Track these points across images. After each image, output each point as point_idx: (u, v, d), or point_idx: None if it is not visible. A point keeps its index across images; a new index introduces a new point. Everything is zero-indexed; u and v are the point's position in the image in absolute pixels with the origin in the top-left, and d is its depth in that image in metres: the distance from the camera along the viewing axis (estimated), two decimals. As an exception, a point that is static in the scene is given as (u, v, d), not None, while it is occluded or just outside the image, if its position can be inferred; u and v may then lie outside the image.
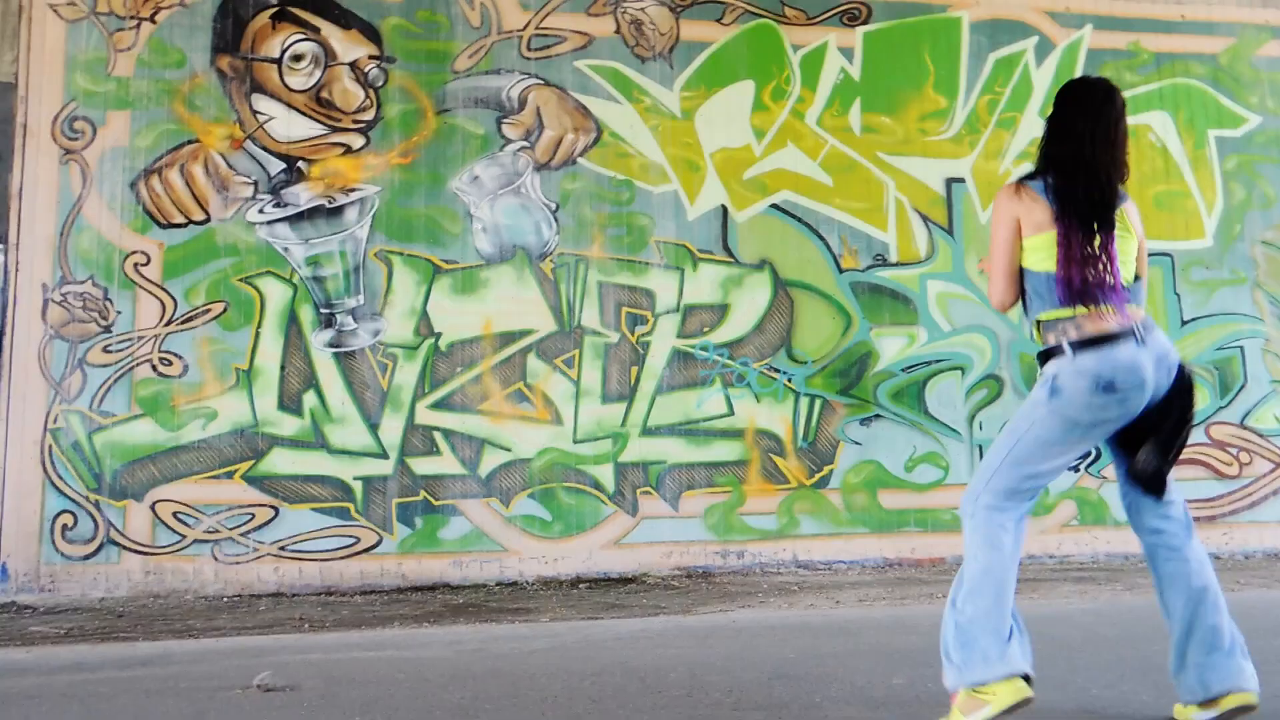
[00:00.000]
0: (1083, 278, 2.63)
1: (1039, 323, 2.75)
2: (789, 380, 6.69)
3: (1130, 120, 2.85)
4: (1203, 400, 7.07)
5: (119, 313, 6.04)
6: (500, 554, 6.23)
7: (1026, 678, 2.50)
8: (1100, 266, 2.63)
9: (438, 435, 6.28)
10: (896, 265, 6.91)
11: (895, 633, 4.32)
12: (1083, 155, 2.71)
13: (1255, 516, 7.03)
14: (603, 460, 6.43)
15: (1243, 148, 7.37)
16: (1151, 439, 2.66)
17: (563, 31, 6.74)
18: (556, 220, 6.57)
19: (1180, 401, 2.66)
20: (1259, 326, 7.23)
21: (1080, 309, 2.64)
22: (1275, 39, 7.54)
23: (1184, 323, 7.14)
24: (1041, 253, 2.70)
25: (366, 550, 6.09)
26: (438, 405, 6.31)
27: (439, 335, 6.36)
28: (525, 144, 6.60)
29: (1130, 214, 2.79)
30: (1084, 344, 2.61)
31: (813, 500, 6.61)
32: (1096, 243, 2.64)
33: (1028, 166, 3.62)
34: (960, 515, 2.74)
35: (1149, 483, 2.68)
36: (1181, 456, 2.68)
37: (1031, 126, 7.09)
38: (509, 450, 6.33)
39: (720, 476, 6.53)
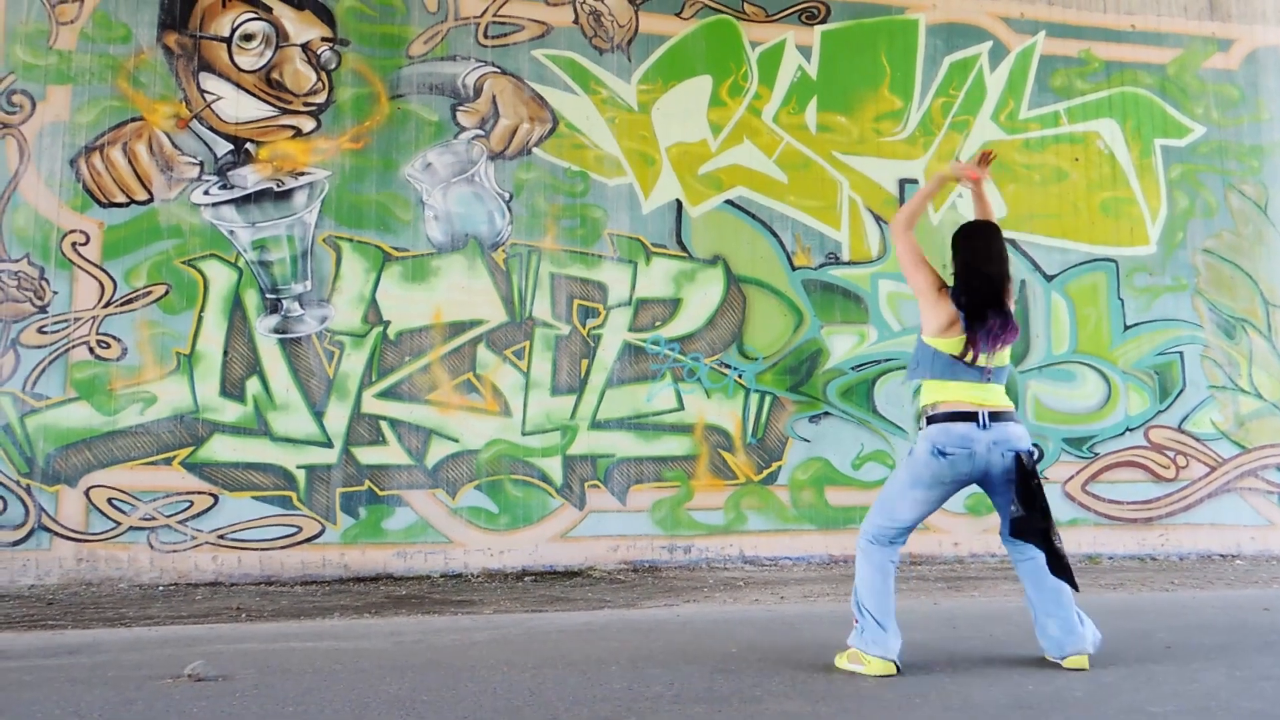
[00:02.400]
0: (976, 345, 3.32)
1: (918, 388, 3.58)
2: (739, 376, 6.71)
3: (1079, 127, 3.18)
4: (1141, 404, 7.21)
5: (55, 293, 5.88)
6: (445, 545, 6.17)
7: (896, 666, 3.33)
8: (993, 340, 3.33)
9: (384, 425, 6.19)
10: (849, 264, 6.95)
11: (837, 628, 4.32)
12: (978, 266, 3.44)
13: (1190, 519, 7.18)
14: (551, 453, 6.39)
15: (1187, 157, 7.51)
16: (1016, 507, 3.32)
17: (520, 20, 6.68)
18: (510, 210, 6.51)
19: (1019, 479, 3.31)
20: (1198, 333, 7.38)
21: (949, 387, 3.37)
22: (1220, 52, 7.70)
23: (1126, 327, 7.27)
24: (941, 341, 3.41)
25: (308, 540, 5.99)
26: (385, 394, 6.22)
27: (388, 324, 6.27)
28: (480, 132, 6.53)
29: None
30: (936, 419, 3.38)
31: (760, 496, 6.63)
32: (997, 321, 3.34)
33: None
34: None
35: (1026, 535, 3.34)
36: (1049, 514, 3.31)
37: (984, 130, 7.17)
38: (456, 441, 6.27)
39: (669, 471, 6.53)
